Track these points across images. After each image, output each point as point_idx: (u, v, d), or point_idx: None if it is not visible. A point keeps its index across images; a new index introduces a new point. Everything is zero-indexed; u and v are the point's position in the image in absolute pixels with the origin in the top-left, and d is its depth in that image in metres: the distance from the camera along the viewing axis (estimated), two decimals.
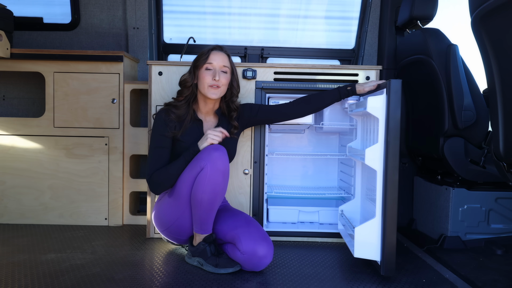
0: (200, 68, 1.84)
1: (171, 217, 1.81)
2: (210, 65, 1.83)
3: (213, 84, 1.82)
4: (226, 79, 1.85)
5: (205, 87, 1.82)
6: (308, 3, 2.93)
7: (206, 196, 1.68)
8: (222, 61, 1.85)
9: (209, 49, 1.87)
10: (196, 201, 1.70)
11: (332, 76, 2.18)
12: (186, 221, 1.79)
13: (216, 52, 1.86)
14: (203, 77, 1.82)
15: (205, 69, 1.83)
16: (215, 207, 1.73)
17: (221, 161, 1.68)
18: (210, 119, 1.95)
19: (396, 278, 1.72)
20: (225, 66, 1.86)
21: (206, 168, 1.66)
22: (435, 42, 2.12)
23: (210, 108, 1.92)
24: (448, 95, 2.09)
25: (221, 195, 1.72)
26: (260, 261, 1.70)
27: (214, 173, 1.66)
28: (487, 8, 1.26)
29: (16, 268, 1.73)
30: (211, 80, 1.81)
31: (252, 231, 1.74)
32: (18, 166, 2.42)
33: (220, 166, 1.67)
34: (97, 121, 2.41)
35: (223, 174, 1.68)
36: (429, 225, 2.37)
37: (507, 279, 1.73)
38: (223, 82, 1.84)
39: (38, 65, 2.41)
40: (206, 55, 1.84)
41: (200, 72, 1.84)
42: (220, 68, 1.84)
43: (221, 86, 1.84)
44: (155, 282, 1.61)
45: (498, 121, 1.38)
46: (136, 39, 2.82)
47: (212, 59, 1.83)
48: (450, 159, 2.14)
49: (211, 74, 1.82)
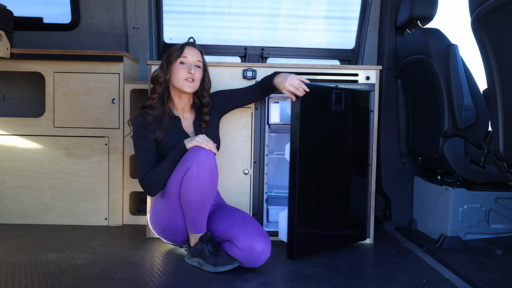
0: (173, 63, 1.85)
1: (165, 219, 1.82)
2: (185, 59, 1.85)
3: (188, 77, 1.83)
4: (199, 73, 1.88)
5: (180, 80, 1.84)
6: (308, 3, 2.93)
7: (194, 196, 1.68)
8: (196, 56, 1.87)
9: (182, 44, 1.89)
10: (185, 201, 1.71)
11: (332, 76, 2.18)
12: (180, 222, 1.80)
13: (189, 47, 1.88)
14: (178, 71, 1.84)
15: (179, 63, 1.84)
16: (206, 206, 1.74)
17: (207, 160, 1.68)
18: (187, 114, 1.95)
19: (396, 278, 1.72)
20: (199, 61, 1.88)
21: (192, 168, 1.67)
22: (435, 42, 2.12)
23: (185, 103, 1.93)
24: (448, 95, 2.09)
25: (210, 194, 1.72)
26: (258, 257, 1.71)
27: (200, 172, 1.66)
28: (487, 8, 1.26)
29: (16, 268, 1.73)
30: (187, 73, 1.83)
31: (249, 228, 1.75)
32: (18, 166, 2.42)
33: (206, 165, 1.67)
34: (97, 121, 2.41)
35: (209, 173, 1.68)
36: (429, 225, 2.37)
37: (507, 279, 1.73)
38: (197, 77, 1.86)
39: (38, 65, 2.41)
40: (180, 50, 1.86)
41: (174, 66, 1.85)
42: (194, 63, 1.86)
43: (196, 80, 1.86)
44: (155, 282, 1.61)
45: (498, 121, 1.38)
46: (136, 39, 2.82)
47: (186, 54, 1.85)
48: (450, 159, 2.14)
49: (186, 67, 1.84)
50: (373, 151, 2.18)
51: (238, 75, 2.16)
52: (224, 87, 2.15)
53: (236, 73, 2.16)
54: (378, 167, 2.62)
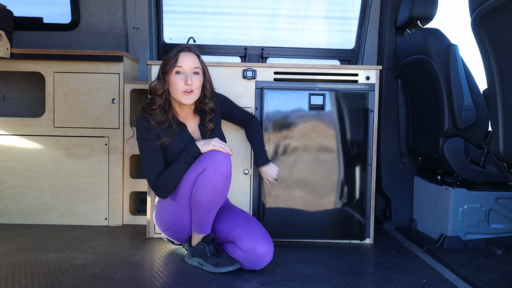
0: (169, 73, 1.75)
1: (172, 218, 1.81)
2: (180, 68, 1.74)
3: (186, 90, 1.73)
4: (198, 81, 1.77)
5: (178, 93, 1.74)
6: (308, 3, 2.93)
7: (205, 196, 1.68)
8: (192, 62, 1.76)
9: (176, 51, 1.77)
10: (196, 201, 1.70)
11: (332, 76, 2.18)
12: (187, 221, 1.79)
13: (184, 54, 1.77)
14: (175, 83, 1.74)
15: (175, 73, 1.74)
16: (215, 208, 1.73)
17: (223, 164, 1.67)
18: (191, 120, 1.89)
19: (396, 278, 1.72)
20: (196, 68, 1.77)
21: (208, 169, 1.66)
22: (435, 42, 2.12)
23: (187, 112, 1.87)
24: (448, 95, 2.09)
25: (221, 197, 1.72)
26: (260, 259, 1.70)
27: (215, 175, 1.66)
28: (487, 8, 1.26)
29: (16, 268, 1.73)
30: (184, 85, 1.73)
31: (253, 230, 1.74)
32: (18, 166, 2.42)
33: (222, 168, 1.66)
34: (97, 121, 2.41)
35: (224, 177, 1.68)
36: (429, 225, 2.37)
37: (507, 279, 1.73)
38: (196, 85, 1.76)
39: (38, 65, 2.41)
40: (174, 58, 1.74)
41: (171, 77, 1.75)
42: (191, 71, 1.75)
43: (195, 90, 1.76)
44: (155, 282, 1.61)
45: (498, 121, 1.38)
46: (136, 39, 2.82)
47: (181, 62, 1.74)
48: (450, 159, 2.14)
49: (183, 78, 1.73)
50: (373, 151, 2.18)
51: (238, 75, 2.16)
52: (224, 87, 2.15)
53: (236, 73, 2.16)
54: (378, 167, 2.62)
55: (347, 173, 2.15)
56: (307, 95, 2.12)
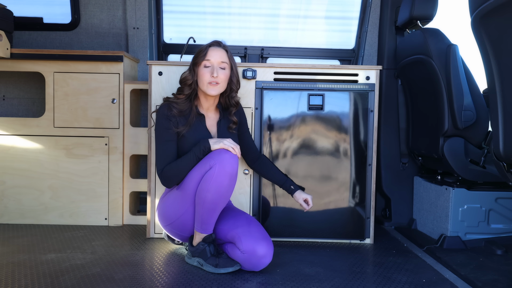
0: (199, 66, 1.85)
1: (175, 213, 1.82)
2: (208, 61, 1.83)
3: (211, 81, 1.82)
4: (224, 75, 1.85)
5: (204, 84, 1.83)
6: (308, 3, 2.93)
7: (209, 195, 1.68)
8: (220, 57, 1.85)
9: (207, 45, 1.87)
10: (200, 199, 1.71)
11: (332, 76, 2.18)
12: (190, 218, 1.80)
13: (214, 48, 1.86)
14: (202, 75, 1.83)
15: (203, 66, 1.83)
16: (218, 208, 1.73)
17: (230, 164, 1.68)
18: (212, 114, 1.95)
19: (396, 278, 1.72)
20: (223, 62, 1.85)
21: (214, 167, 1.67)
22: (435, 42, 2.12)
23: (211, 104, 1.93)
24: (448, 95, 2.09)
25: (225, 197, 1.72)
26: (259, 261, 1.70)
27: (221, 174, 1.66)
28: (487, 8, 1.26)
29: (16, 268, 1.73)
30: (210, 77, 1.82)
31: (253, 231, 1.74)
32: (18, 166, 2.42)
33: (228, 168, 1.67)
34: (97, 121, 2.41)
35: (229, 177, 1.68)
36: (429, 225, 2.37)
37: (507, 279, 1.73)
38: (222, 79, 1.84)
39: (38, 65, 2.41)
40: (204, 51, 1.84)
41: (199, 69, 1.84)
42: (218, 65, 1.84)
43: (220, 83, 1.84)
44: (155, 282, 1.61)
45: (498, 121, 1.38)
46: (136, 39, 2.82)
47: (210, 56, 1.83)
48: (450, 159, 2.14)
49: (210, 71, 1.82)
50: (373, 151, 2.18)
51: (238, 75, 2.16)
52: None
53: None
54: (378, 167, 2.62)
55: (347, 173, 2.15)
56: (306, 95, 2.12)
